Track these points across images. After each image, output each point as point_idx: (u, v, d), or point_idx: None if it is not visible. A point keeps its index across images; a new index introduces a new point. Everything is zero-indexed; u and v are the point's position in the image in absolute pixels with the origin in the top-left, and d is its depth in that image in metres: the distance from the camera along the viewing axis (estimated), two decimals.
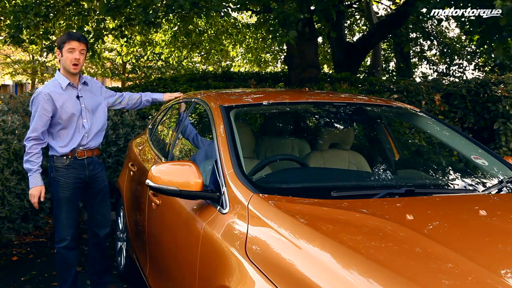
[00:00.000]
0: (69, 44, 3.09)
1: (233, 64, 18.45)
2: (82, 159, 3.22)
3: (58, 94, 3.13)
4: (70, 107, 3.13)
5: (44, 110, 3.08)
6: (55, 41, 8.41)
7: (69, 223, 3.23)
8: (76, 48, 3.10)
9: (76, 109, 3.16)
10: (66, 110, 3.12)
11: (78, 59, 3.11)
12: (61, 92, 3.14)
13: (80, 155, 3.21)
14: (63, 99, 3.13)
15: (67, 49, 3.10)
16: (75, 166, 3.21)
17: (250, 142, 3.09)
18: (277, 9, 5.64)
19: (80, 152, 3.21)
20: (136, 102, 3.62)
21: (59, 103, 3.11)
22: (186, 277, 2.22)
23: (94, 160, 3.30)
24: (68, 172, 3.19)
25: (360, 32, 16.03)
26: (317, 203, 1.90)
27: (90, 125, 3.23)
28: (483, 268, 1.40)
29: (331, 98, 3.22)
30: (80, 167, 3.22)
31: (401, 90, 6.42)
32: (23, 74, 22.53)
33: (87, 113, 3.22)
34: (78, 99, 3.19)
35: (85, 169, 3.24)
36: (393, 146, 3.42)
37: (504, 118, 6.16)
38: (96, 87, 3.38)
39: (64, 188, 3.19)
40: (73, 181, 3.21)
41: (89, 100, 3.25)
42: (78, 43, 3.10)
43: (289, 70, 7.88)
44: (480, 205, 2.03)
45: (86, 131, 3.20)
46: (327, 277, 1.42)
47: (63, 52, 3.12)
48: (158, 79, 8.67)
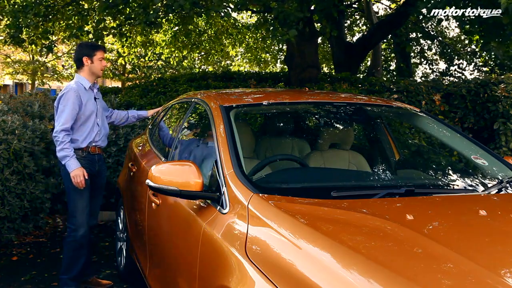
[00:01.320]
0: (101, 54, 3.60)
1: (233, 64, 18.44)
2: (94, 154, 3.59)
3: (82, 93, 3.52)
4: (90, 105, 3.54)
5: (74, 104, 3.43)
6: (55, 41, 8.42)
7: (85, 211, 3.48)
8: (103, 58, 3.63)
9: (94, 108, 3.58)
10: (88, 107, 3.51)
11: (105, 66, 3.67)
12: (85, 92, 3.54)
13: (93, 151, 3.57)
14: (86, 98, 3.52)
15: (98, 57, 3.58)
16: (89, 159, 3.55)
17: (250, 142, 3.09)
18: (277, 8, 5.64)
19: (93, 148, 3.57)
20: (123, 118, 4.01)
21: (84, 100, 3.49)
22: (186, 277, 2.22)
23: (101, 157, 3.71)
24: (84, 163, 3.47)
25: (360, 32, 16.03)
26: (317, 203, 1.90)
27: (102, 125, 3.65)
28: (483, 268, 1.40)
29: (331, 98, 3.22)
30: (92, 161, 3.57)
31: (401, 90, 6.41)
32: (23, 74, 22.54)
33: (100, 114, 3.64)
34: (95, 101, 3.61)
35: (95, 163, 3.60)
36: (393, 146, 3.42)
37: (504, 118, 6.16)
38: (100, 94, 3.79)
39: None
40: (87, 171, 3.46)
41: (101, 104, 3.71)
42: (103, 53, 3.64)
43: (289, 70, 7.88)
44: (480, 205, 2.03)
45: (99, 129, 3.60)
46: (327, 277, 1.42)
47: (94, 60, 3.58)
48: (158, 79, 8.67)
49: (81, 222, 3.46)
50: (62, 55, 21.55)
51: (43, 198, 4.55)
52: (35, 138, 4.44)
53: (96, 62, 3.58)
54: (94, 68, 3.58)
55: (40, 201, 4.54)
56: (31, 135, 4.39)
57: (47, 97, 6.13)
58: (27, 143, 4.30)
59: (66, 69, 23.53)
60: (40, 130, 4.61)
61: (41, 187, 4.46)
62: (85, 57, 3.57)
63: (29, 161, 4.31)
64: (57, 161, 3.58)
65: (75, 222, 3.46)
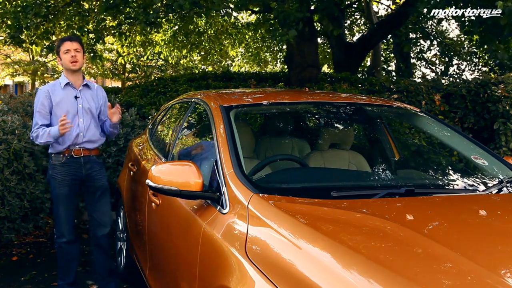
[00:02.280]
0: (63, 46, 3.33)
1: (233, 64, 18.42)
2: (78, 157, 3.35)
3: (56, 92, 3.33)
4: (65, 104, 3.31)
5: (42, 105, 3.30)
6: (55, 41, 8.42)
7: (67, 219, 3.35)
8: (70, 48, 3.31)
9: (72, 108, 3.33)
10: (61, 107, 3.30)
11: (74, 56, 3.31)
12: (59, 90, 3.34)
13: (76, 154, 3.34)
14: (60, 97, 3.32)
15: (63, 51, 3.33)
16: (71, 164, 3.33)
17: (250, 142, 3.09)
18: (277, 8, 5.64)
19: (77, 151, 3.34)
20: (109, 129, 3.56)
21: (55, 100, 3.31)
22: (186, 277, 2.22)
23: (92, 159, 3.41)
24: (64, 169, 3.32)
25: (360, 32, 16.02)
26: (317, 203, 1.90)
27: (88, 126, 3.36)
28: (483, 268, 1.40)
29: (331, 98, 3.22)
30: (76, 165, 3.34)
31: (401, 90, 6.41)
32: (24, 75, 22.53)
33: (85, 114, 3.36)
34: (76, 99, 3.35)
35: (82, 167, 3.36)
36: (393, 146, 3.42)
37: (504, 118, 6.16)
38: (99, 95, 3.50)
39: (61, 185, 3.32)
40: (70, 177, 3.33)
41: (89, 102, 3.40)
42: (70, 43, 3.33)
43: (289, 70, 7.88)
44: (480, 205, 2.03)
45: (81, 131, 3.33)
46: (327, 277, 1.42)
47: (61, 56, 3.35)
48: (158, 79, 8.68)
49: (63, 229, 3.34)
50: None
51: (43, 198, 4.55)
52: None
53: (62, 56, 3.33)
54: (64, 64, 3.34)
55: (40, 201, 4.54)
56: None
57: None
58: (27, 143, 4.30)
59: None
60: None
61: (41, 187, 4.46)
62: (57, 57, 3.42)
63: (29, 161, 4.31)
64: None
65: (58, 229, 3.37)
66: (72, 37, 3.45)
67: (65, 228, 3.34)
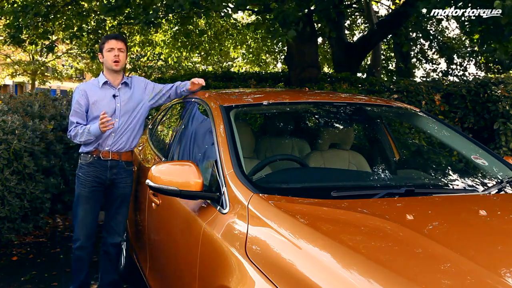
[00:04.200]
0: (108, 44, 3.21)
1: (234, 64, 18.41)
2: (105, 160, 3.22)
3: (93, 91, 3.22)
4: (102, 105, 3.19)
5: (78, 104, 3.20)
6: (55, 41, 8.41)
7: (86, 223, 3.23)
8: (114, 47, 3.20)
9: (109, 108, 3.19)
10: (98, 106, 3.18)
11: (117, 56, 3.21)
12: (97, 89, 3.23)
13: (104, 156, 3.22)
14: (96, 96, 3.21)
15: (106, 49, 3.21)
16: (97, 165, 3.22)
17: (250, 142, 3.09)
18: (277, 8, 5.64)
19: (105, 153, 3.22)
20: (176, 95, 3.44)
21: (92, 99, 3.20)
22: (186, 277, 2.22)
23: (120, 165, 3.26)
24: (89, 170, 3.21)
25: (360, 32, 16.02)
26: (317, 203, 1.90)
27: (122, 126, 3.23)
28: (483, 268, 1.40)
29: (331, 98, 3.22)
30: (101, 168, 3.22)
31: (401, 90, 6.42)
32: (23, 75, 22.54)
33: (121, 114, 3.23)
34: (114, 98, 3.23)
35: (107, 171, 3.23)
36: (393, 146, 3.42)
37: (504, 118, 6.16)
38: (139, 88, 3.34)
39: (83, 185, 3.22)
40: (92, 179, 3.22)
41: (127, 101, 3.25)
42: (115, 42, 3.21)
43: (289, 70, 7.88)
44: (480, 205, 2.03)
45: (114, 131, 3.19)
46: (327, 277, 1.42)
47: (104, 53, 3.23)
48: (158, 79, 8.68)
49: (79, 233, 3.22)
50: (62, 54, 21.56)
51: (43, 198, 4.55)
52: (35, 138, 4.44)
53: (105, 54, 3.22)
54: (106, 62, 3.23)
55: (40, 201, 4.54)
56: (31, 135, 4.39)
57: (47, 97, 6.12)
58: (27, 143, 4.30)
59: (66, 69, 23.53)
60: (40, 130, 4.61)
61: (41, 187, 4.46)
62: (99, 53, 3.30)
63: (29, 161, 4.31)
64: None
65: (75, 231, 3.27)
66: (118, 35, 3.32)
67: (81, 232, 3.22)
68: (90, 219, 3.25)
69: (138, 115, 3.31)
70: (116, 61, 3.20)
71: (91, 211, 3.24)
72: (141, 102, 3.33)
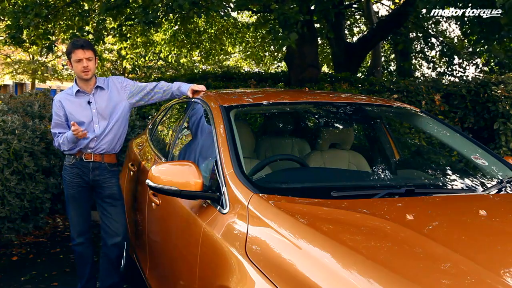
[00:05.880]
0: (75, 55, 3.11)
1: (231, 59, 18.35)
2: (87, 162, 3.23)
3: (68, 101, 3.21)
4: (78, 114, 3.17)
5: (57, 115, 3.23)
6: (55, 41, 8.41)
7: (78, 221, 3.34)
8: (82, 57, 3.10)
9: (85, 116, 3.17)
10: (76, 115, 3.17)
11: (86, 66, 3.11)
12: (72, 99, 3.21)
13: (86, 158, 3.23)
14: (72, 106, 3.20)
15: (74, 59, 3.12)
16: (80, 167, 3.25)
17: (250, 142, 3.09)
18: (278, 10, 5.64)
19: (87, 155, 3.22)
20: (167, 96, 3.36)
21: (68, 109, 3.20)
22: (186, 277, 2.22)
23: (102, 166, 3.25)
24: (72, 171, 3.27)
25: (360, 32, 16.02)
26: (317, 203, 1.90)
27: (103, 130, 3.20)
28: (483, 268, 1.40)
29: (331, 98, 3.22)
30: (84, 169, 3.25)
31: (401, 90, 6.41)
32: (24, 75, 22.54)
33: (100, 118, 3.20)
34: (89, 105, 3.19)
35: (89, 172, 3.25)
36: (393, 146, 3.42)
37: (504, 118, 6.16)
38: (115, 90, 3.27)
39: (70, 186, 3.30)
40: (77, 180, 3.27)
41: (104, 105, 3.21)
42: (82, 52, 3.10)
43: (289, 70, 7.88)
44: (480, 205, 2.03)
45: (96, 135, 3.18)
46: (327, 277, 1.42)
47: (72, 63, 3.15)
48: (158, 79, 8.67)
49: (73, 232, 3.35)
50: (62, 54, 21.56)
51: (43, 198, 4.55)
52: (35, 138, 4.44)
53: (74, 65, 3.14)
54: (75, 72, 3.16)
55: (40, 201, 4.54)
56: (31, 135, 4.39)
57: (47, 97, 6.12)
58: (27, 143, 4.30)
59: (66, 69, 23.53)
60: (40, 130, 4.61)
61: (41, 187, 4.46)
62: (68, 61, 3.22)
63: (29, 161, 4.31)
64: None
65: (71, 230, 3.39)
66: (84, 44, 3.14)
67: (75, 230, 3.35)
68: (80, 218, 3.35)
69: (117, 117, 3.24)
70: (86, 71, 3.12)
71: (80, 210, 3.33)
72: (120, 102, 3.26)
